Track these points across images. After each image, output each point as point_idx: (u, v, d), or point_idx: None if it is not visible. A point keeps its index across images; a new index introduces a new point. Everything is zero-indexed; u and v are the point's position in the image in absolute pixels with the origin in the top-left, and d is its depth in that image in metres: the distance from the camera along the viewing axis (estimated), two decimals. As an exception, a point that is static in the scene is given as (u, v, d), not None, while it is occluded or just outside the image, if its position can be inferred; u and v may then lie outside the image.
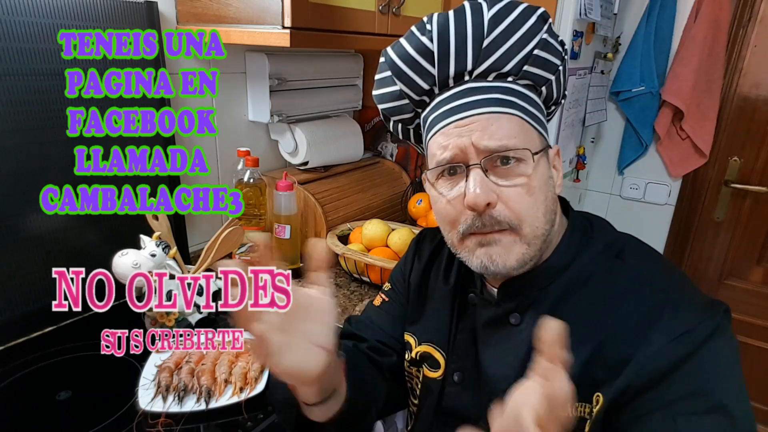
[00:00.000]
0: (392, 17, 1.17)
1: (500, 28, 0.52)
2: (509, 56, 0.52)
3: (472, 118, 0.52)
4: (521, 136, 0.53)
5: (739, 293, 1.78)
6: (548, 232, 0.55)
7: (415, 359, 0.68)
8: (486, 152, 0.52)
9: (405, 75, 0.56)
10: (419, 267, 0.72)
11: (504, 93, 0.53)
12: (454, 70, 0.53)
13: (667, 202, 1.83)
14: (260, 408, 0.75)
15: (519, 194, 0.52)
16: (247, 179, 1.14)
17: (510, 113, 0.53)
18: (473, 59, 0.52)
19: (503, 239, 0.53)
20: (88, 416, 0.72)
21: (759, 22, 1.57)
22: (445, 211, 0.56)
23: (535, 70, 0.54)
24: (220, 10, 1.02)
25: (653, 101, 1.72)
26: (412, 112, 0.60)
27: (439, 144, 0.54)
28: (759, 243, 1.72)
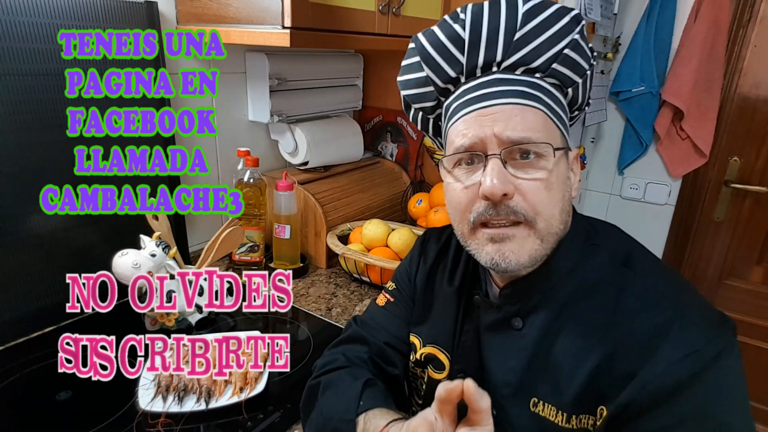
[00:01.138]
0: (392, 17, 1.17)
1: (533, 23, 0.51)
2: (539, 52, 0.52)
3: (496, 107, 0.52)
4: (544, 131, 0.52)
5: (739, 293, 1.78)
6: (561, 231, 0.54)
7: (420, 360, 0.68)
8: (507, 143, 0.51)
9: (433, 61, 0.55)
10: (425, 268, 0.71)
11: (530, 87, 0.52)
12: (483, 59, 0.53)
13: (667, 202, 1.83)
14: (260, 408, 0.75)
15: (537, 188, 0.51)
16: (247, 179, 1.14)
17: (535, 107, 0.52)
18: (503, 50, 0.52)
19: (517, 234, 0.52)
20: (88, 416, 0.72)
21: (759, 22, 1.57)
22: (458, 199, 0.55)
23: (563, 70, 0.53)
24: (220, 10, 1.02)
25: (653, 101, 1.72)
26: (435, 101, 0.59)
27: (459, 131, 0.54)
28: (759, 243, 1.72)
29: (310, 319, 1.03)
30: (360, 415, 0.57)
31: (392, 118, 1.61)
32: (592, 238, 0.58)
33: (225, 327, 0.98)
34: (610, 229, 0.60)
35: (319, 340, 0.95)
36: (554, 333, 0.54)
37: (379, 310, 0.74)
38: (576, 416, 0.51)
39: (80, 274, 0.80)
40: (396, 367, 0.70)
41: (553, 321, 0.54)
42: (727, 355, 0.46)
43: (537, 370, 0.54)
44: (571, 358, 0.52)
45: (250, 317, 1.02)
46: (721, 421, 0.45)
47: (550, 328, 0.54)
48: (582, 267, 0.55)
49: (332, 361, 0.68)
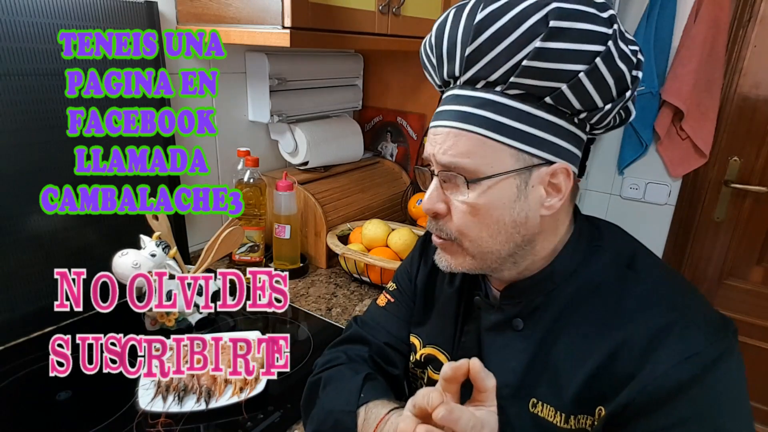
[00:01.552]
0: (392, 17, 1.17)
1: (486, 35, 0.47)
2: (495, 66, 0.48)
3: (438, 129, 0.53)
4: (475, 157, 0.50)
5: (739, 293, 1.78)
6: (506, 252, 0.54)
7: (420, 361, 0.68)
8: (439, 164, 0.53)
9: (424, 64, 0.58)
10: (425, 269, 0.71)
11: (478, 106, 0.50)
12: (446, 74, 0.53)
13: (667, 202, 1.83)
14: (260, 408, 0.75)
15: (462, 212, 0.53)
16: (247, 179, 1.14)
17: (471, 131, 0.50)
18: (459, 66, 0.50)
19: (447, 248, 0.56)
20: (88, 416, 0.72)
21: (759, 22, 1.57)
22: None
23: (527, 81, 0.47)
24: (220, 10, 1.02)
25: (653, 101, 1.72)
26: None
27: None
28: (759, 243, 1.72)
29: (310, 319, 1.03)
30: (361, 406, 0.58)
31: (392, 118, 1.61)
32: (595, 240, 0.57)
33: (225, 327, 0.98)
34: (614, 230, 0.59)
35: (319, 340, 0.95)
36: (555, 334, 0.54)
37: (379, 311, 0.74)
38: (574, 416, 0.51)
39: (70, 269, 0.78)
40: (396, 367, 0.70)
41: (554, 322, 0.54)
42: (727, 358, 0.46)
43: (537, 371, 0.54)
44: (572, 359, 0.52)
45: (250, 317, 1.02)
46: (720, 425, 0.45)
47: (551, 329, 0.54)
48: (585, 268, 0.55)
49: (333, 359, 0.68)
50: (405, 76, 1.54)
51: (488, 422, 0.45)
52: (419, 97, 1.54)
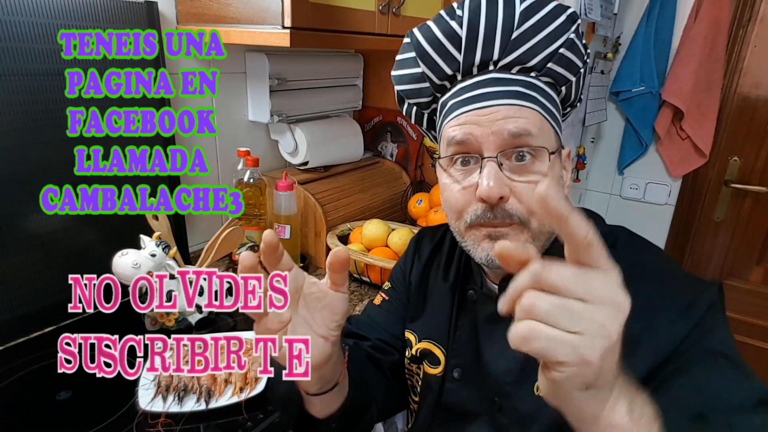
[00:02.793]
0: (392, 17, 1.17)
1: (530, 21, 0.51)
2: (536, 51, 0.52)
3: (493, 108, 0.52)
4: (541, 133, 0.52)
5: (739, 293, 1.78)
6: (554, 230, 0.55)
7: (416, 356, 0.68)
8: (507, 139, 0.51)
9: (429, 58, 0.55)
10: (419, 265, 0.72)
11: (526, 87, 0.53)
12: (480, 58, 0.53)
13: (667, 202, 1.83)
14: (260, 408, 0.75)
15: (533, 190, 0.51)
16: (247, 179, 1.14)
17: (531, 107, 0.52)
18: (500, 49, 0.52)
19: (511, 233, 0.53)
20: (88, 416, 0.72)
21: (759, 22, 1.57)
22: (454, 199, 0.56)
23: (558, 69, 0.54)
24: (220, 10, 1.02)
25: (653, 101, 1.72)
26: (431, 96, 0.59)
27: (456, 130, 0.54)
28: (759, 243, 1.72)
29: (310, 319, 1.03)
30: None
31: (392, 118, 1.61)
32: None
33: (225, 327, 0.98)
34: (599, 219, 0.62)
35: (319, 340, 0.94)
36: None
37: (375, 309, 0.76)
38: None
39: (82, 275, 0.79)
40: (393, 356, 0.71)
41: None
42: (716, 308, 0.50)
43: None
44: None
45: (249, 317, 1.02)
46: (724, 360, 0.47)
47: None
48: None
49: None
50: (405, 76, 1.54)
51: None
52: (419, 97, 1.54)
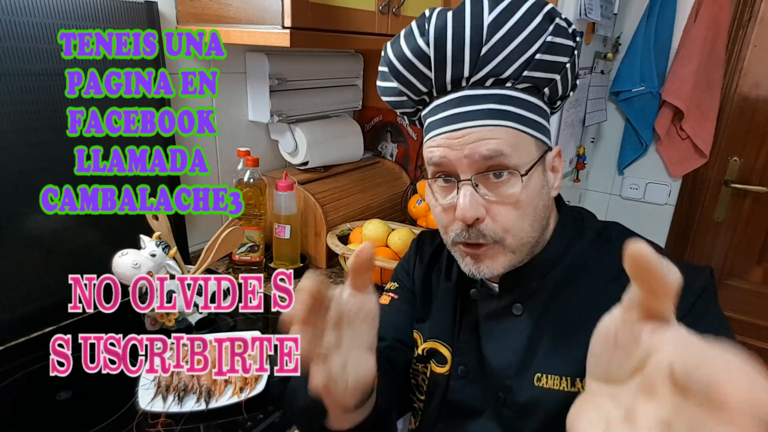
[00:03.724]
0: (392, 17, 1.17)
1: (500, 32, 0.49)
2: (509, 62, 0.50)
3: (465, 131, 0.52)
4: (516, 150, 0.52)
5: (739, 293, 1.78)
6: (535, 239, 0.57)
7: (423, 355, 0.68)
8: (480, 162, 0.52)
9: (402, 76, 0.55)
10: (421, 268, 0.73)
11: (500, 102, 0.52)
12: (450, 76, 0.52)
13: (667, 202, 1.83)
14: (260, 408, 0.75)
15: (506, 210, 0.53)
16: (247, 179, 1.14)
17: (505, 126, 0.52)
18: (470, 67, 0.51)
19: (488, 252, 0.55)
20: (88, 416, 0.72)
21: (759, 22, 1.57)
22: (438, 217, 0.59)
23: (536, 74, 0.52)
24: (220, 10, 1.02)
25: (653, 101, 1.72)
26: (414, 108, 0.60)
27: (432, 152, 0.55)
28: (759, 243, 1.72)
29: (310, 319, 1.02)
30: None
31: (392, 118, 1.61)
32: (578, 224, 0.62)
33: (225, 327, 0.98)
34: (594, 216, 0.64)
35: (319, 340, 0.94)
36: (551, 313, 0.58)
37: (384, 308, 0.73)
38: (580, 379, 0.53)
39: (82, 275, 0.80)
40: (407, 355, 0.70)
41: (548, 303, 0.58)
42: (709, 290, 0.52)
43: (536, 346, 0.57)
44: (570, 326, 0.55)
45: (250, 317, 1.02)
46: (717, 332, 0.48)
47: (546, 309, 0.58)
48: (571, 250, 0.59)
49: None
50: (405, 76, 1.54)
51: None
52: (419, 97, 1.54)
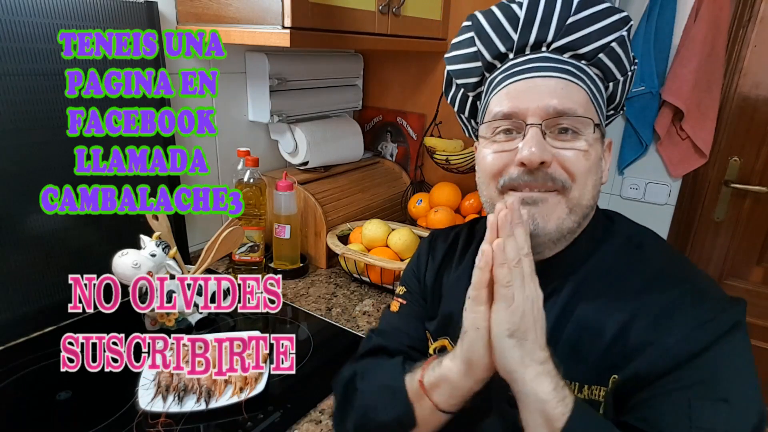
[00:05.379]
0: (392, 17, 1.17)
1: (586, 12, 0.54)
2: (589, 40, 0.54)
3: (542, 80, 0.53)
4: (587, 109, 0.54)
5: (739, 293, 1.78)
6: (591, 208, 0.55)
7: (433, 354, 0.67)
8: (552, 114, 0.52)
9: (486, 35, 0.57)
10: (434, 265, 0.71)
11: (578, 70, 0.54)
12: (534, 38, 0.55)
13: (667, 202, 1.83)
14: (260, 408, 0.75)
15: (576, 156, 0.52)
16: (247, 179, 1.14)
17: (580, 85, 0.54)
18: (555, 32, 0.54)
19: (549, 199, 0.53)
20: (88, 416, 0.72)
21: (759, 22, 1.57)
22: (491, 161, 0.55)
23: (608, 63, 0.55)
24: (220, 10, 1.02)
25: (653, 101, 1.71)
26: (480, 77, 0.60)
27: (502, 99, 0.55)
28: (759, 243, 1.72)
29: (310, 319, 1.03)
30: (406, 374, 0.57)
31: (392, 118, 1.61)
32: (608, 227, 0.60)
33: (225, 327, 0.98)
34: (624, 218, 0.63)
35: (319, 340, 0.95)
36: (569, 311, 0.56)
37: (394, 316, 0.73)
38: (588, 386, 0.53)
39: (82, 275, 0.81)
40: None
41: (567, 303, 0.56)
42: (740, 328, 0.48)
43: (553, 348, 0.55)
44: (586, 332, 0.54)
45: (250, 317, 1.02)
46: (726, 390, 0.46)
47: (564, 310, 0.56)
48: (598, 252, 0.57)
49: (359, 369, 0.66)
50: (405, 76, 1.54)
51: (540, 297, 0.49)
52: (419, 97, 1.54)
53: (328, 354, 0.91)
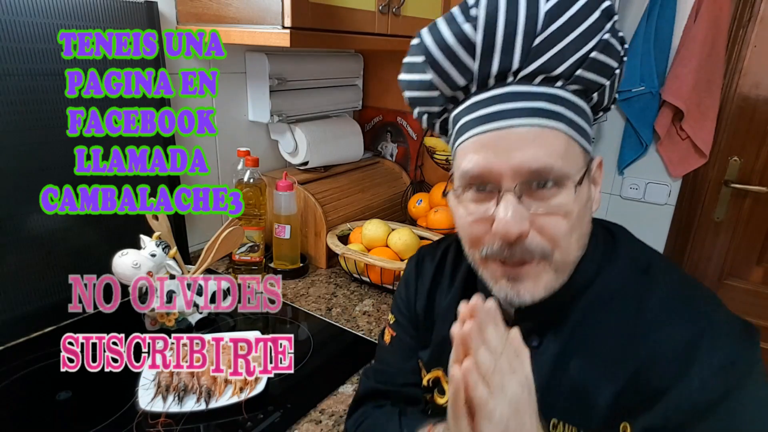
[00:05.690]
0: (392, 17, 1.17)
1: (557, 23, 0.44)
2: (563, 58, 0.45)
3: (512, 130, 0.46)
4: (566, 158, 0.46)
5: (739, 293, 1.78)
6: (578, 258, 0.51)
7: (427, 386, 0.65)
8: (525, 175, 0.45)
9: (439, 66, 0.48)
10: (423, 292, 0.66)
11: (551, 101, 0.46)
12: (497, 68, 0.46)
13: (667, 202, 1.83)
14: (260, 408, 0.75)
15: (555, 221, 0.46)
16: (247, 179, 1.14)
17: (556, 128, 0.46)
18: (521, 58, 0.45)
19: (531, 271, 0.48)
20: (88, 416, 0.72)
21: (759, 22, 1.57)
22: (468, 230, 0.51)
23: (589, 75, 0.46)
24: (220, 10, 1.02)
25: (653, 101, 1.71)
26: (442, 107, 0.53)
27: (469, 156, 0.48)
28: (759, 243, 1.72)
29: (310, 319, 1.03)
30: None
31: (392, 118, 1.61)
32: (609, 245, 0.54)
33: (225, 327, 0.98)
34: (626, 235, 0.57)
35: (319, 340, 0.95)
36: (573, 348, 0.51)
37: (388, 350, 0.70)
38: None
39: (82, 275, 0.81)
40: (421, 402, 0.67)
41: (571, 336, 0.51)
42: (759, 368, 0.45)
43: (556, 390, 0.51)
44: (594, 375, 0.49)
45: (249, 317, 1.02)
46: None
47: (568, 344, 0.52)
48: (601, 277, 0.52)
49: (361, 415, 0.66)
50: (405, 76, 1.54)
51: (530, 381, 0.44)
52: (419, 97, 1.54)
53: (328, 354, 0.91)
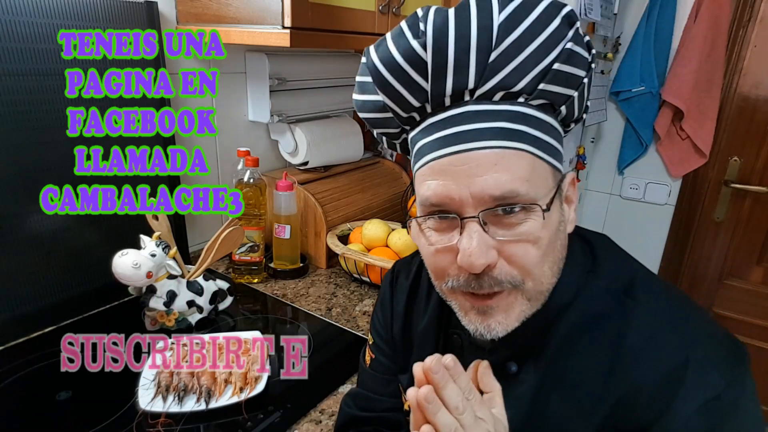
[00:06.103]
0: (392, 17, 1.17)
1: (514, 35, 0.40)
2: (523, 72, 0.41)
3: (471, 153, 0.42)
4: (532, 180, 0.42)
5: (739, 293, 1.78)
6: (553, 285, 0.47)
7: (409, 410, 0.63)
8: (488, 202, 0.42)
9: (390, 87, 0.44)
10: (399, 312, 0.63)
11: (512, 120, 0.42)
12: (452, 87, 0.42)
13: (667, 202, 1.83)
14: (260, 408, 0.75)
15: (524, 249, 0.43)
16: (247, 179, 1.14)
17: (520, 149, 0.42)
18: (477, 76, 0.41)
19: (501, 303, 0.45)
20: (88, 416, 0.72)
21: (759, 22, 1.57)
22: (432, 260, 0.47)
23: (553, 88, 0.43)
24: (220, 10, 1.02)
25: (653, 101, 1.72)
26: (399, 128, 0.49)
27: (428, 182, 0.44)
28: (759, 243, 1.72)
29: (310, 319, 1.03)
30: None
31: (392, 118, 1.61)
32: (589, 261, 0.51)
33: (225, 327, 0.98)
34: (607, 247, 0.53)
35: (319, 341, 0.95)
36: (554, 377, 0.48)
37: (368, 374, 0.68)
38: None
39: None
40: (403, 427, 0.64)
41: (551, 362, 0.49)
42: (746, 397, 0.42)
43: (536, 424, 0.49)
44: (575, 408, 0.47)
45: (250, 317, 1.02)
46: None
47: (548, 371, 0.49)
48: (580, 298, 0.48)
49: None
50: (405, 76, 1.54)
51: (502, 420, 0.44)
52: (419, 97, 1.54)
53: (328, 354, 0.91)
